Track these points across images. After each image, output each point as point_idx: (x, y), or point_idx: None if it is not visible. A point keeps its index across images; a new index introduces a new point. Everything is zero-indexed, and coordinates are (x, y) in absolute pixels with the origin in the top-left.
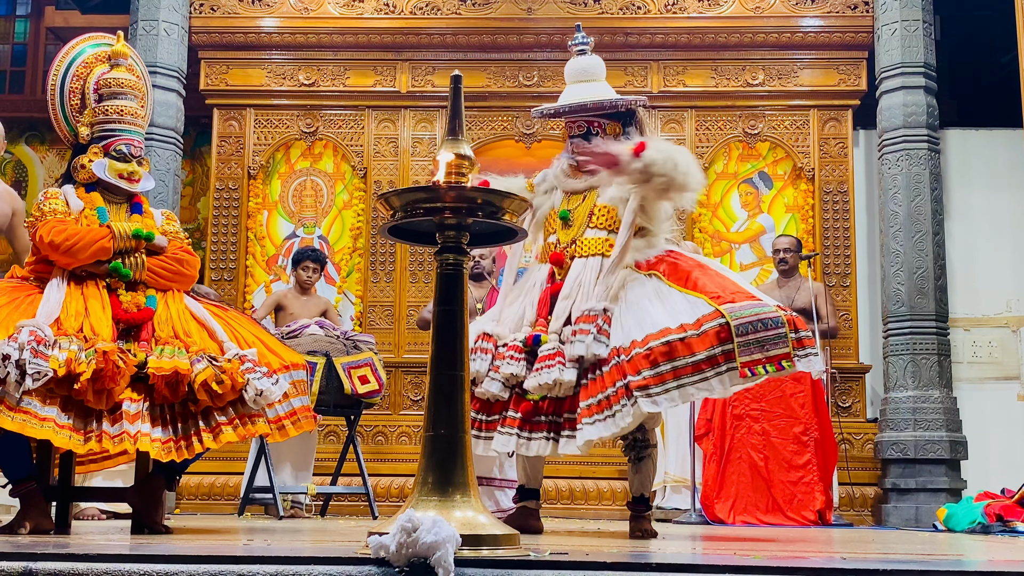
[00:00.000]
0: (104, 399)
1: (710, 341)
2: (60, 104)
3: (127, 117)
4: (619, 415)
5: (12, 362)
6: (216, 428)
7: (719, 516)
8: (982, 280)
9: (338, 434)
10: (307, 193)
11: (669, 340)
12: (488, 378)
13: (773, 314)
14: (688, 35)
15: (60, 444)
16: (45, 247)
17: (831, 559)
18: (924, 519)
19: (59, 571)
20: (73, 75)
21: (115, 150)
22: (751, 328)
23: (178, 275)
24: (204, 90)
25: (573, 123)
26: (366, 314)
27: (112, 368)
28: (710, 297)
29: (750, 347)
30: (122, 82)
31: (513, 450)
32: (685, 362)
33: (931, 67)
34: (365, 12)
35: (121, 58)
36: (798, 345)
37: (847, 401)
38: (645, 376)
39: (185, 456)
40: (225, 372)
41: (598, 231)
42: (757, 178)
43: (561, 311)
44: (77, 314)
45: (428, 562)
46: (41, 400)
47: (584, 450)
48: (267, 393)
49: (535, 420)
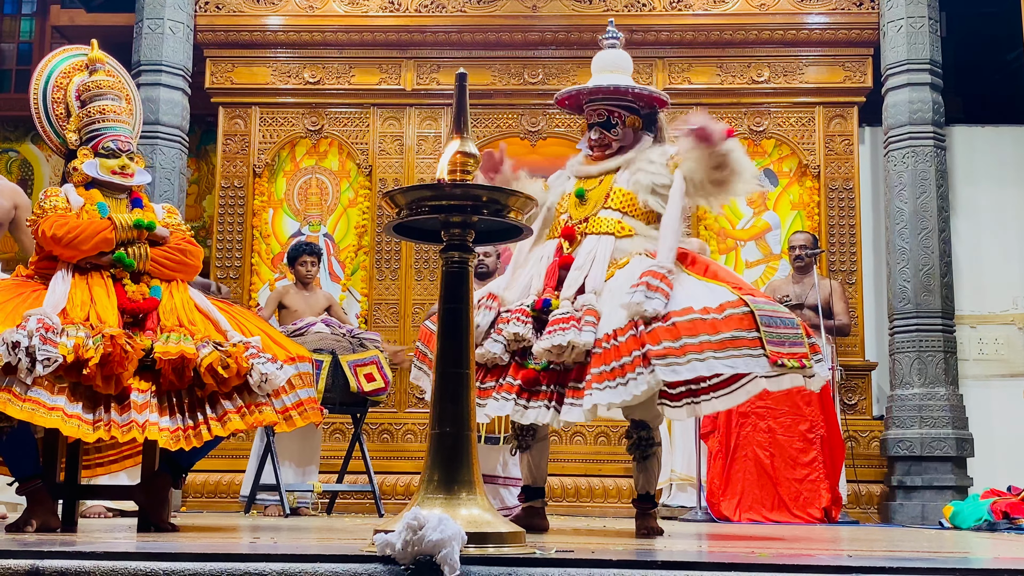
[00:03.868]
0: (113, 384)
1: (734, 324)
2: (45, 116)
3: (110, 115)
4: (632, 383)
5: (22, 349)
6: (223, 416)
7: (725, 514)
8: (988, 277)
9: (344, 432)
10: (312, 191)
11: (692, 318)
12: (491, 339)
13: (789, 315)
14: (693, 32)
15: (69, 432)
16: (48, 241)
17: (837, 557)
18: (930, 517)
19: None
20: (54, 86)
21: (103, 147)
22: (774, 322)
23: (182, 265)
24: (209, 88)
25: (594, 111)
26: (371, 312)
27: (120, 352)
28: (732, 286)
29: (775, 339)
30: (101, 84)
31: (508, 414)
32: (710, 338)
33: (937, 64)
34: (370, 10)
35: (99, 63)
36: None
37: (853, 399)
38: (666, 346)
39: (193, 444)
40: (230, 356)
41: (612, 212)
42: (763, 175)
43: (573, 280)
44: (83, 304)
45: (434, 560)
46: (49, 389)
47: (589, 416)
48: (272, 378)
49: (535, 389)
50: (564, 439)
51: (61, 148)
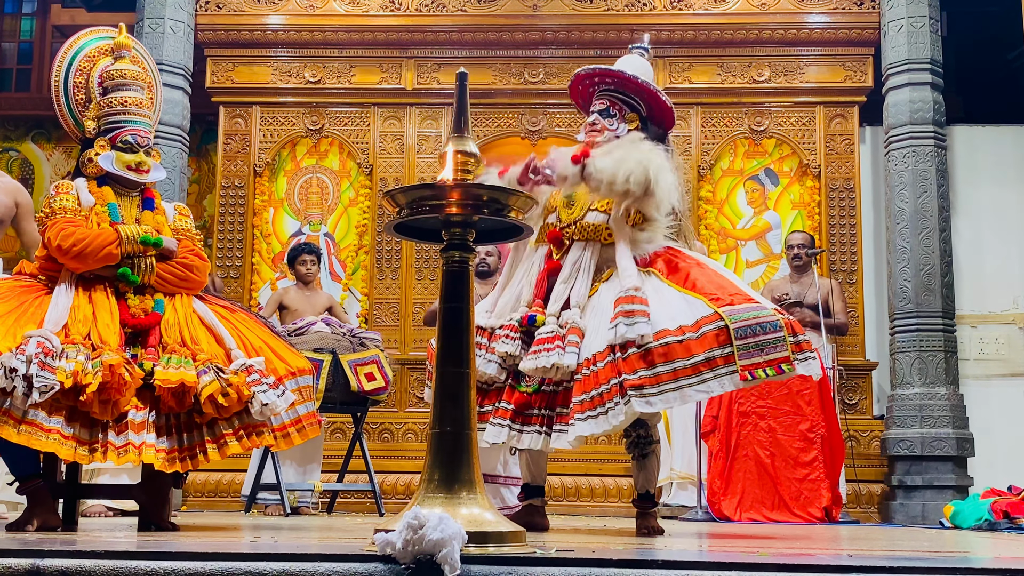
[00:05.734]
0: (110, 410)
1: (709, 343)
2: (65, 99)
3: (132, 108)
4: (612, 413)
5: (19, 375)
6: (221, 439)
7: (725, 513)
8: (989, 277)
9: (344, 431)
10: (313, 190)
11: (667, 342)
12: (482, 359)
13: (772, 317)
14: (694, 32)
15: (65, 457)
16: (53, 250)
17: (837, 556)
18: (931, 516)
19: (66, 568)
20: (77, 69)
21: (121, 141)
22: (750, 331)
23: (186, 281)
24: (210, 88)
25: (599, 99)
26: (372, 311)
27: (118, 380)
28: (709, 299)
29: (749, 350)
30: (126, 73)
31: (504, 441)
32: (684, 364)
33: (937, 63)
34: (371, 9)
35: (124, 49)
36: (797, 349)
37: (854, 398)
38: (641, 376)
39: (188, 467)
40: (231, 385)
41: (599, 214)
42: (763, 175)
43: (559, 294)
44: (85, 320)
45: (434, 559)
46: (47, 412)
47: (575, 445)
48: (272, 406)
49: (528, 413)
50: None
51: (77, 133)
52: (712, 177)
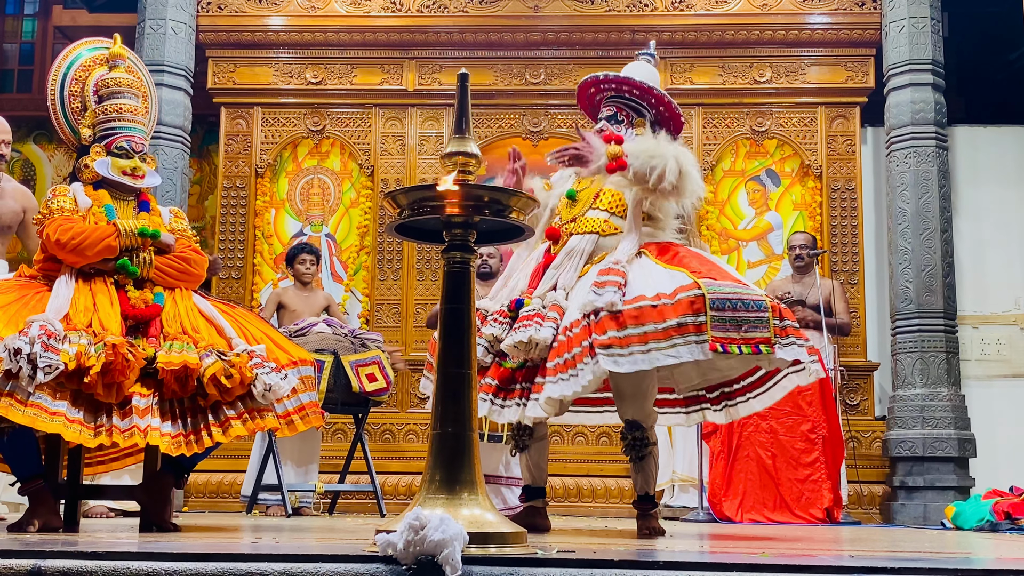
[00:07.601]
0: (114, 392)
1: (682, 309)
2: (61, 108)
3: (127, 115)
4: (581, 373)
5: (24, 356)
6: (225, 422)
7: (727, 514)
8: (991, 277)
9: (346, 432)
10: (314, 191)
11: (640, 306)
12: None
13: (756, 296)
14: (695, 32)
15: (71, 438)
16: (52, 245)
17: (839, 557)
18: (932, 517)
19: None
20: (72, 79)
21: (116, 147)
22: (729, 305)
23: (185, 274)
24: (211, 89)
25: (607, 107)
26: (373, 312)
27: (121, 361)
28: (691, 271)
29: (725, 323)
30: (120, 81)
31: (485, 415)
32: (655, 328)
33: (939, 64)
34: (372, 10)
35: (119, 59)
36: (781, 333)
37: (855, 399)
38: (610, 336)
39: (195, 450)
40: (234, 366)
41: (600, 212)
42: (764, 175)
43: (548, 278)
44: (86, 310)
45: (436, 560)
46: (51, 394)
47: (548, 411)
48: (276, 388)
49: (510, 387)
50: (566, 439)
51: (73, 141)
52: (713, 178)
